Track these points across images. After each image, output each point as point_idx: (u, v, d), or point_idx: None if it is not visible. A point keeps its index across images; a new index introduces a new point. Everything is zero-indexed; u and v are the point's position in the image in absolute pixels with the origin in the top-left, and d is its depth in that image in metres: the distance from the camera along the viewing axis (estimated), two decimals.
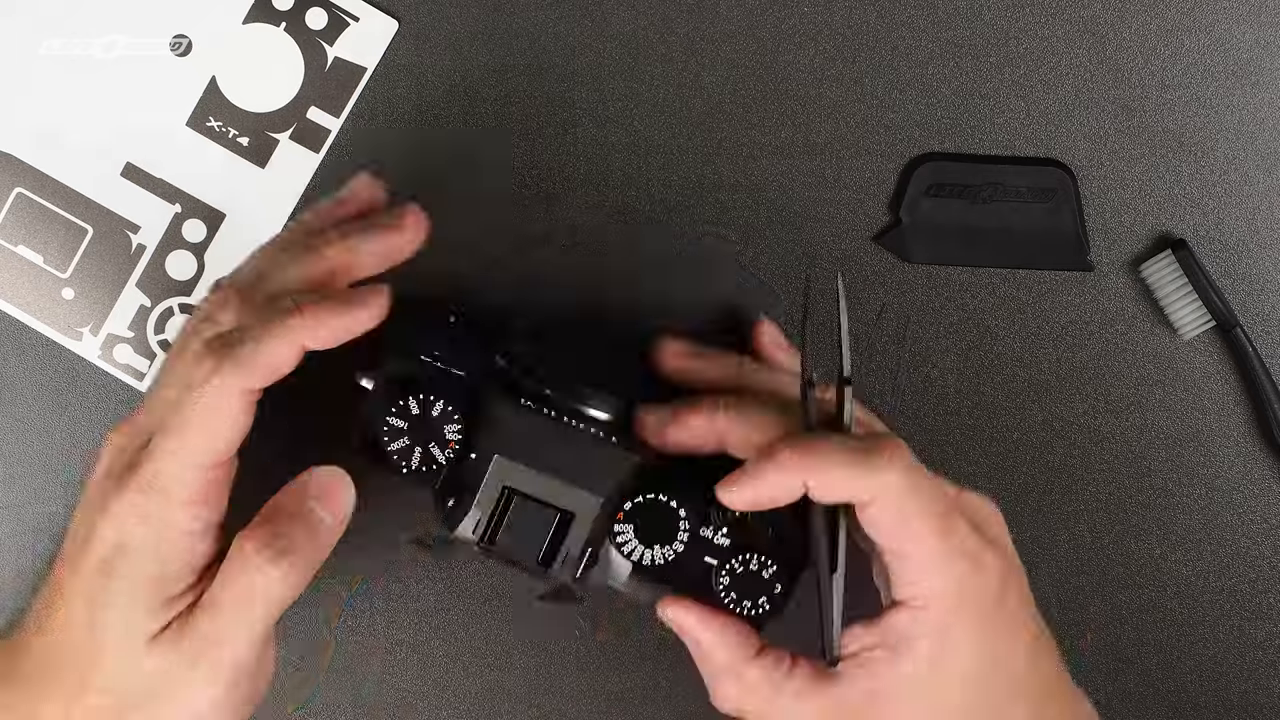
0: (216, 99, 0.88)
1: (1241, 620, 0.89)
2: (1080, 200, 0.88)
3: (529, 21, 0.88)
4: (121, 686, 0.75)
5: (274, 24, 0.88)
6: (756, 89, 0.88)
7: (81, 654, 0.75)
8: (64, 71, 0.87)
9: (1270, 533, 0.89)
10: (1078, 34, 0.88)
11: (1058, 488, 0.89)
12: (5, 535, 0.88)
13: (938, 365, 0.89)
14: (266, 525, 0.75)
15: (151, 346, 0.88)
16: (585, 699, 0.89)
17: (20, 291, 0.88)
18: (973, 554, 0.76)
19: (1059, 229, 0.88)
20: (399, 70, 0.88)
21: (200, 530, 0.75)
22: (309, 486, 0.76)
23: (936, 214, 0.88)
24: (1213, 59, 0.88)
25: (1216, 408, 0.89)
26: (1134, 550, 0.89)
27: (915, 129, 0.88)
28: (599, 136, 0.88)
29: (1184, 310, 0.88)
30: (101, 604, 0.75)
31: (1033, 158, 0.88)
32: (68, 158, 0.88)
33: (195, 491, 0.75)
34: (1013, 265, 0.88)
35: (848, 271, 0.88)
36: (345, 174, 0.88)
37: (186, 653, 0.74)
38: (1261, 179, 0.88)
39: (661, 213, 0.88)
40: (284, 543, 0.74)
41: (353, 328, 0.76)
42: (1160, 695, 0.89)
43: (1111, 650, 0.89)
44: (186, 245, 0.88)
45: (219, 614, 0.74)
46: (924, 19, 0.88)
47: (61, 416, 0.88)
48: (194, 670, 0.74)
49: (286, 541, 0.75)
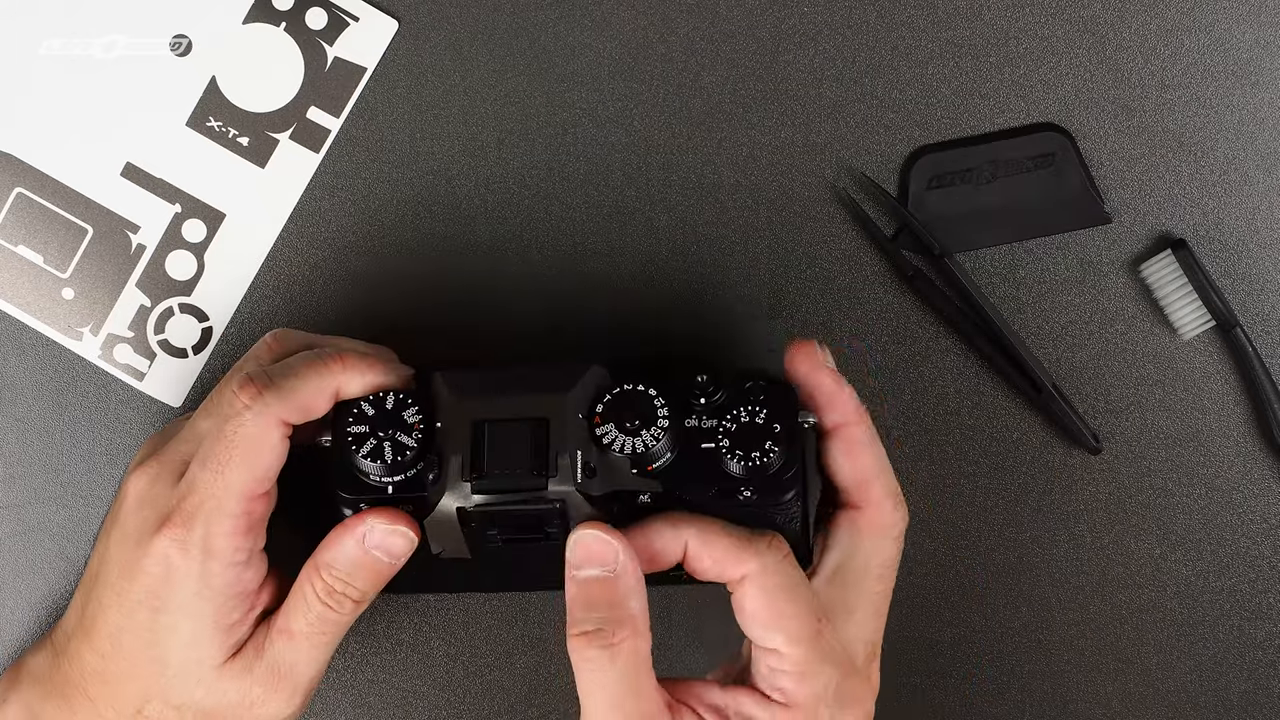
0: (216, 99, 0.88)
1: (1241, 620, 0.89)
2: (1083, 157, 0.88)
3: (529, 21, 0.88)
4: (197, 704, 0.78)
5: (274, 24, 0.88)
6: (756, 89, 0.88)
7: (143, 674, 0.78)
8: (64, 71, 0.88)
9: (1270, 533, 0.89)
10: (1078, 34, 0.88)
11: (1058, 488, 0.89)
12: (5, 535, 0.88)
13: (937, 365, 0.89)
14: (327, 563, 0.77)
15: (151, 346, 0.88)
16: None
17: (20, 291, 0.88)
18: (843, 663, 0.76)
19: (1068, 190, 0.88)
20: (399, 70, 0.88)
21: (244, 560, 0.77)
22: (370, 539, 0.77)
23: (944, 205, 0.88)
24: (1213, 59, 0.88)
25: (1216, 408, 0.89)
26: (1134, 550, 0.89)
27: (916, 129, 0.88)
28: (599, 136, 0.88)
29: (1184, 310, 0.88)
30: (158, 637, 0.77)
31: (1026, 126, 0.88)
32: (68, 158, 0.88)
33: (238, 522, 0.76)
34: (1032, 236, 0.88)
35: (846, 271, 0.88)
36: (345, 174, 0.88)
37: (264, 678, 0.78)
38: (1261, 179, 0.88)
39: (661, 213, 0.88)
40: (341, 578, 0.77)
41: (379, 385, 0.78)
42: (1160, 695, 0.89)
43: (1111, 650, 0.89)
44: (186, 245, 0.88)
45: (294, 644, 0.77)
46: (924, 19, 0.88)
47: (61, 416, 0.88)
48: (274, 692, 0.78)
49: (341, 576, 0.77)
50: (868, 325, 0.89)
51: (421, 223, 0.88)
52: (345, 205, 0.88)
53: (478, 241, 0.88)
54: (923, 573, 0.89)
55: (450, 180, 0.88)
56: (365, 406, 0.77)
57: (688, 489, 0.76)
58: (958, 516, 0.89)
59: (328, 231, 0.88)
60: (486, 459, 0.75)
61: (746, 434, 0.76)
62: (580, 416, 0.76)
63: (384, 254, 0.88)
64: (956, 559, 0.89)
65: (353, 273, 0.88)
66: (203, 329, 0.88)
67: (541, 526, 0.77)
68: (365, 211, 0.88)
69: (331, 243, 0.88)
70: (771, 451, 0.75)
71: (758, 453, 0.75)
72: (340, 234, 0.88)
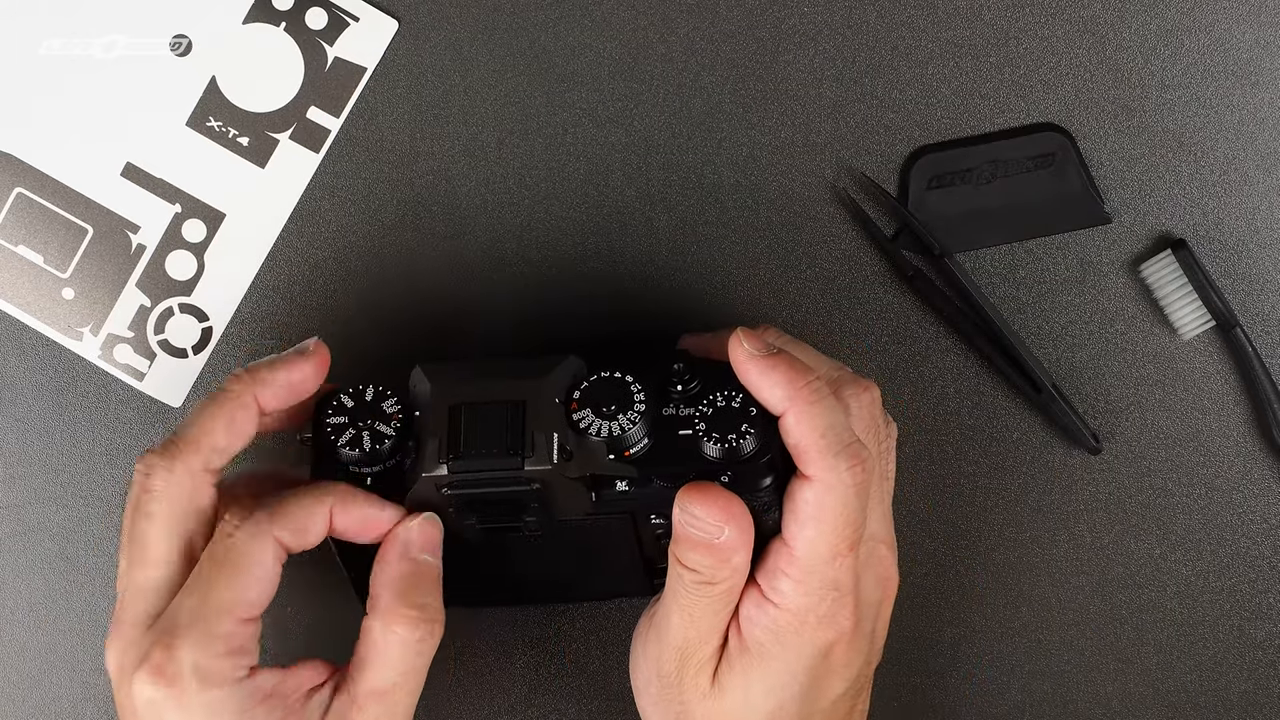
0: (216, 99, 0.88)
1: (1241, 620, 0.89)
2: (1082, 157, 0.88)
3: (529, 21, 0.88)
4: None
5: (274, 24, 0.88)
6: (756, 89, 0.88)
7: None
8: (64, 71, 0.88)
9: (1270, 533, 0.89)
10: (1078, 34, 0.88)
11: (1058, 488, 0.89)
12: (5, 535, 0.88)
13: (936, 365, 0.89)
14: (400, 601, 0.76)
15: (151, 346, 0.88)
16: (585, 699, 0.89)
17: (20, 291, 0.88)
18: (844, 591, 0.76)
19: (1068, 189, 0.88)
20: (399, 70, 0.88)
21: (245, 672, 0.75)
22: (412, 544, 0.76)
23: (944, 205, 0.88)
24: (1213, 59, 0.88)
25: (1216, 408, 0.89)
26: (1134, 550, 0.89)
27: (916, 129, 0.88)
28: (599, 136, 0.88)
29: (1184, 310, 0.88)
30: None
31: (1025, 126, 0.88)
32: (68, 158, 0.88)
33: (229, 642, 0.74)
34: (1032, 236, 0.88)
35: (846, 271, 0.88)
36: (345, 174, 0.88)
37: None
38: (1261, 179, 0.88)
39: (661, 213, 0.88)
40: (426, 612, 0.76)
41: (294, 379, 0.77)
42: (1160, 695, 0.89)
43: (1111, 650, 0.89)
44: (186, 245, 0.88)
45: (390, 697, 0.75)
46: (924, 19, 0.88)
47: (61, 416, 0.88)
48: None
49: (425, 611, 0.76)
50: (868, 325, 0.89)
51: (421, 223, 0.88)
52: (345, 205, 0.88)
53: (478, 241, 0.88)
54: (922, 573, 0.89)
55: (450, 180, 0.88)
56: (344, 399, 0.77)
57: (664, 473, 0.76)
58: (958, 516, 0.89)
59: (328, 231, 0.88)
60: (463, 440, 0.76)
61: (723, 417, 0.76)
62: (557, 401, 0.76)
63: (384, 254, 0.88)
64: (956, 559, 0.89)
65: (353, 273, 0.88)
66: (203, 329, 0.88)
67: (520, 513, 0.77)
68: (365, 211, 0.88)
69: (331, 243, 0.88)
70: (747, 434, 0.76)
71: (734, 434, 0.76)
72: (340, 234, 0.88)
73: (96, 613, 0.88)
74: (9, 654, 0.88)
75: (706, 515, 0.75)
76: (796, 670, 0.77)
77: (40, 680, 0.89)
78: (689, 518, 0.75)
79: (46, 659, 0.89)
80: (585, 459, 0.76)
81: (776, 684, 0.77)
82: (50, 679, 0.89)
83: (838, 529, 0.75)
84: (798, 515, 0.76)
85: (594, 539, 0.79)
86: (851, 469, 0.75)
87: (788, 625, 0.76)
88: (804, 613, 0.76)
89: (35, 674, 0.89)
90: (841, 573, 0.76)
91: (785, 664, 0.77)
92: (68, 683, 0.89)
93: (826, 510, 0.75)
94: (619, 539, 0.79)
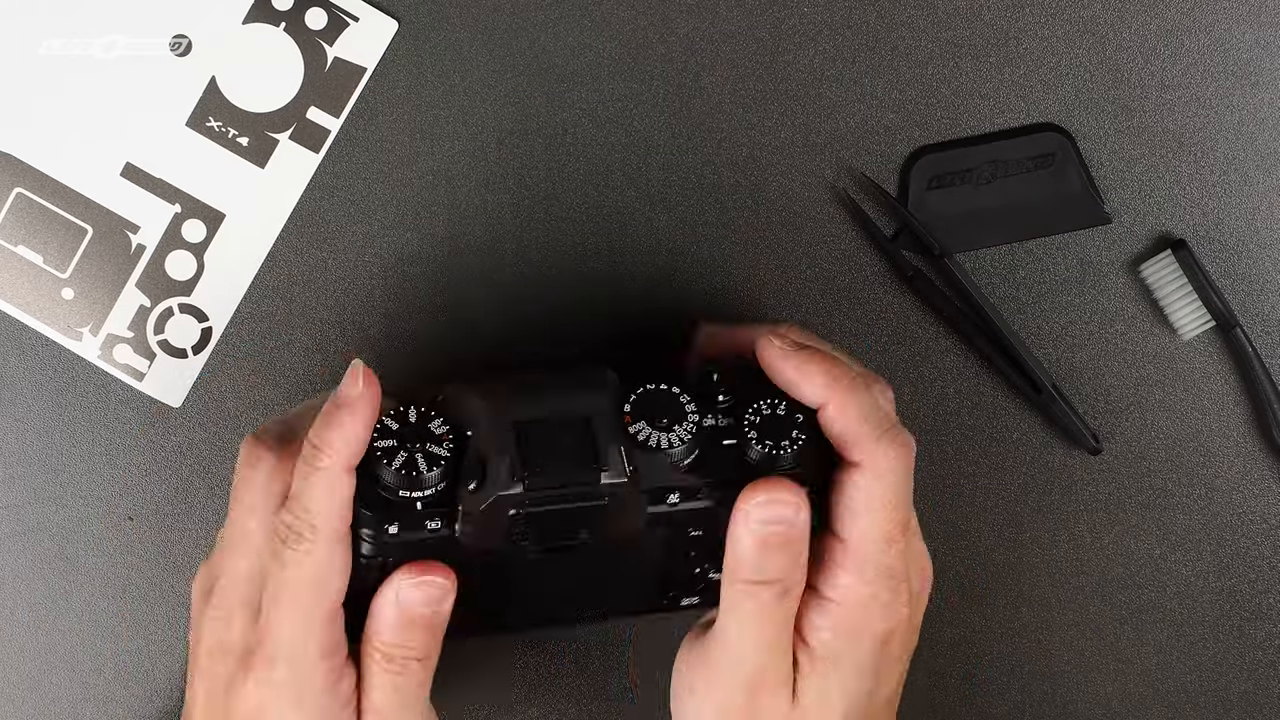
0: (216, 99, 0.88)
1: (1241, 620, 0.89)
2: (1082, 157, 0.88)
3: (529, 21, 0.88)
4: None
5: (274, 24, 0.88)
6: (756, 89, 0.88)
7: None
8: (64, 71, 0.88)
9: (1270, 533, 0.89)
10: (1078, 34, 0.88)
11: (1058, 488, 0.89)
12: (5, 535, 0.88)
13: (936, 365, 0.89)
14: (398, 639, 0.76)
15: (151, 347, 0.88)
16: (585, 699, 0.89)
17: (20, 291, 0.88)
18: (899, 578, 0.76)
19: (1067, 190, 0.88)
20: (399, 70, 0.88)
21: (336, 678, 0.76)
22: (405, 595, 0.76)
23: (944, 205, 0.88)
24: (1213, 59, 0.88)
25: (1216, 408, 0.89)
26: (1134, 550, 0.89)
27: (916, 129, 0.88)
28: (599, 136, 0.88)
29: (1184, 310, 0.88)
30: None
31: (1025, 126, 0.88)
32: (68, 158, 0.88)
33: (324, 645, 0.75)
34: (1032, 236, 0.88)
35: (846, 271, 0.88)
36: (345, 174, 0.88)
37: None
38: (1261, 179, 0.88)
39: (661, 213, 0.88)
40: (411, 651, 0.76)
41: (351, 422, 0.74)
42: (1160, 695, 0.89)
43: (1111, 650, 0.89)
44: (186, 245, 0.88)
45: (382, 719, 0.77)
46: (924, 19, 0.88)
47: (61, 416, 0.88)
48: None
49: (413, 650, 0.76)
50: (868, 325, 0.89)
51: (421, 223, 0.88)
52: (345, 205, 0.88)
53: (478, 241, 0.88)
54: None
55: (450, 180, 0.88)
56: (389, 421, 0.74)
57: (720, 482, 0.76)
58: (958, 516, 0.89)
59: (328, 231, 0.88)
60: (537, 458, 0.74)
61: (772, 425, 0.76)
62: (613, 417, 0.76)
63: (384, 254, 0.88)
64: (956, 559, 0.89)
65: (352, 273, 0.88)
66: (202, 329, 0.88)
67: (578, 530, 0.76)
68: (365, 211, 0.88)
69: (331, 243, 0.88)
70: (800, 440, 0.76)
71: (786, 441, 0.76)
72: (340, 234, 0.88)
73: (96, 613, 0.88)
74: (9, 654, 0.88)
75: (782, 495, 0.75)
76: (864, 665, 0.77)
77: (40, 680, 0.89)
78: (764, 510, 0.75)
79: (46, 659, 0.89)
80: (650, 472, 0.76)
81: (850, 684, 0.77)
82: (50, 679, 0.89)
83: (889, 514, 0.75)
84: (850, 505, 0.76)
85: (628, 554, 0.78)
86: (898, 452, 0.76)
87: (852, 620, 0.76)
88: (866, 603, 0.76)
89: (35, 674, 0.89)
90: (895, 559, 0.76)
91: (854, 661, 0.77)
92: (67, 683, 0.89)
93: (876, 496, 0.75)
94: (650, 553, 0.78)
